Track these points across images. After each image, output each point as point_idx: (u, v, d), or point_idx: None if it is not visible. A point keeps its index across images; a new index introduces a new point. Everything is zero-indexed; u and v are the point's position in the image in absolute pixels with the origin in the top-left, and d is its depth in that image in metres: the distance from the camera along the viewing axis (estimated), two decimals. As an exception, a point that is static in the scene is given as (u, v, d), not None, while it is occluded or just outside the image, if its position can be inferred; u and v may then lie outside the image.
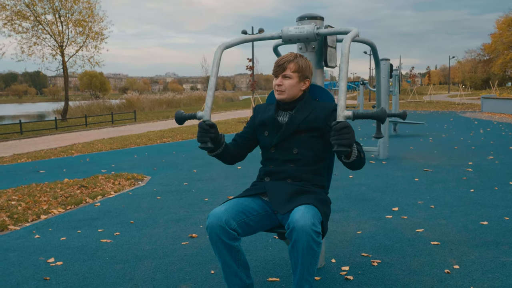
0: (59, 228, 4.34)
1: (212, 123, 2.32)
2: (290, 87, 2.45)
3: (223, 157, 2.54)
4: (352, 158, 2.14)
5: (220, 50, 2.56)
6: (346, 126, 1.95)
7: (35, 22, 25.00)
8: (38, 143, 14.67)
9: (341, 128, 1.94)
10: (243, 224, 2.28)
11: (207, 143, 2.31)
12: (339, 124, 1.95)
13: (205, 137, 2.29)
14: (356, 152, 2.14)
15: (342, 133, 1.94)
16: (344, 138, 1.93)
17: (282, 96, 2.47)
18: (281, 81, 2.45)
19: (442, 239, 3.56)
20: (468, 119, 17.54)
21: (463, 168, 6.68)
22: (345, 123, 1.95)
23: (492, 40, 60.44)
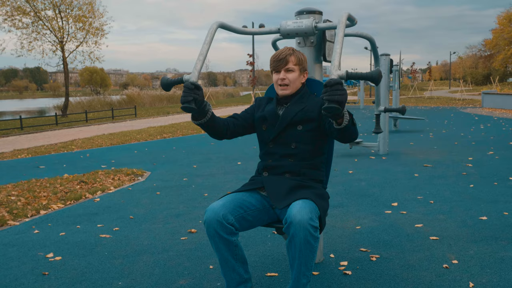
0: (59, 223, 4.34)
1: (198, 84, 2.22)
2: (294, 80, 2.45)
3: (210, 128, 2.42)
4: (344, 123, 2.03)
5: (215, 25, 2.55)
6: (338, 82, 1.84)
7: (35, 18, 24.95)
8: (39, 139, 14.67)
9: (333, 83, 1.83)
10: (240, 218, 2.28)
11: (191, 103, 2.17)
12: (332, 80, 1.84)
13: (189, 96, 2.16)
14: (348, 117, 2.03)
15: (334, 89, 1.83)
16: (336, 94, 1.82)
17: (286, 91, 2.46)
18: (284, 75, 2.43)
19: (441, 234, 3.56)
20: (469, 114, 17.52)
21: (463, 164, 6.67)
22: (338, 80, 1.85)
23: (493, 35, 60.30)
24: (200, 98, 2.21)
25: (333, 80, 1.85)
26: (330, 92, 1.83)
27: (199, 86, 2.21)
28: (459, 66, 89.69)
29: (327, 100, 1.83)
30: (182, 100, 2.17)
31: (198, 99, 2.20)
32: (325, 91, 1.85)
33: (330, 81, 1.85)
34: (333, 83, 1.84)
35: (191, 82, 2.20)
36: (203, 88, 2.39)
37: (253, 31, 2.84)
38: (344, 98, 1.83)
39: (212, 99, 39.08)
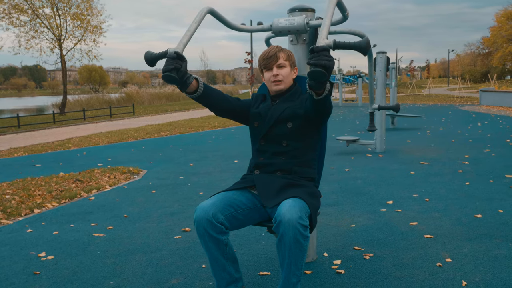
0: (52, 222, 4.32)
1: (181, 54, 2.18)
2: (287, 76, 2.44)
3: (206, 99, 2.40)
4: (325, 93, 2.02)
5: (205, 9, 2.53)
6: (326, 48, 1.78)
7: (32, 16, 24.89)
8: (36, 137, 14.64)
9: (320, 49, 1.77)
10: (231, 217, 2.26)
11: (172, 72, 2.12)
12: (319, 46, 1.78)
13: (170, 64, 2.12)
14: (328, 87, 2.00)
15: (322, 55, 1.77)
16: (323, 59, 1.75)
17: (280, 87, 2.44)
18: (277, 71, 2.42)
19: (436, 232, 3.54)
20: (467, 112, 17.51)
21: (459, 161, 6.66)
22: (325, 46, 1.79)
23: (491, 33, 60.30)
24: (182, 69, 2.17)
25: (320, 46, 1.80)
26: (318, 57, 1.77)
27: (182, 56, 2.18)
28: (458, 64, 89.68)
29: (314, 64, 1.76)
30: (163, 68, 2.14)
31: (181, 69, 2.16)
32: (311, 56, 1.78)
33: (317, 47, 1.79)
34: (320, 48, 1.79)
35: (175, 51, 2.17)
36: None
37: (245, 28, 2.82)
38: (332, 64, 1.78)
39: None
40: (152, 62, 2.29)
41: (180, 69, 2.16)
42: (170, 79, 2.13)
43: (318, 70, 1.77)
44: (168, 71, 2.11)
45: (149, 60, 2.29)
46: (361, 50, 1.89)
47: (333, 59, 1.80)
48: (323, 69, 1.77)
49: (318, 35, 1.95)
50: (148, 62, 2.30)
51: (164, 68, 2.12)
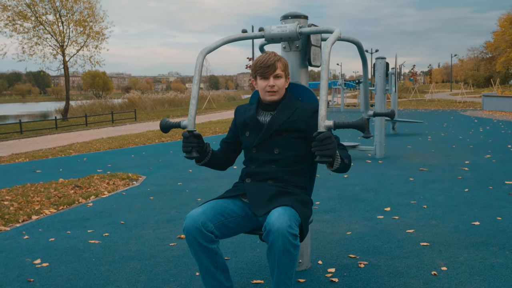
0: (49, 229, 4.31)
1: (196, 133, 2.33)
2: (282, 87, 2.42)
3: (212, 165, 2.57)
4: (335, 166, 2.13)
5: (201, 55, 2.51)
6: (328, 136, 1.96)
7: (36, 22, 25.03)
8: (38, 143, 14.68)
9: (323, 138, 1.95)
10: (221, 226, 2.25)
11: (192, 153, 2.31)
12: (321, 135, 1.96)
13: (189, 146, 2.30)
14: (339, 160, 2.13)
15: (324, 144, 1.95)
16: (326, 149, 1.94)
17: (274, 97, 2.43)
18: (273, 82, 2.40)
19: (432, 240, 3.51)
20: (469, 117, 17.46)
21: (459, 167, 6.62)
22: (327, 134, 1.96)
23: (494, 38, 60.23)
24: (200, 145, 2.35)
25: (322, 135, 1.96)
26: (321, 147, 1.95)
27: (196, 134, 2.33)
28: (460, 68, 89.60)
29: (319, 155, 1.96)
30: (183, 150, 2.32)
31: (198, 146, 2.33)
32: (315, 145, 1.97)
33: (320, 135, 1.96)
34: (323, 138, 1.95)
35: (188, 131, 2.32)
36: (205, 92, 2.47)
37: (237, 37, 2.81)
38: (334, 151, 1.97)
39: (213, 102, 39.11)
40: (166, 130, 2.45)
41: (197, 146, 2.33)
42: (192, 158, 2.33)
43: (324, 160, 1.97)
44: (188, 153, 2.31)
45: (164, 128, 2.44)
46: (359, 128, 2.00)
47: (335, 145, 1.98)
48: (327, 159, 1.96)
49: (319, 117, 2.03)
50: (162, 130, 2.44)
51: (184, 150, 2.32)
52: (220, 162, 2.60)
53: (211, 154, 2.48)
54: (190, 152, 2.30)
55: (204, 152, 2.42)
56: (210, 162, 2.51)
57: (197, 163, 2.48)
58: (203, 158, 2.45)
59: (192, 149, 2.30)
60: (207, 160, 2.48)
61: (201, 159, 2.46)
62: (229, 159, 2.65)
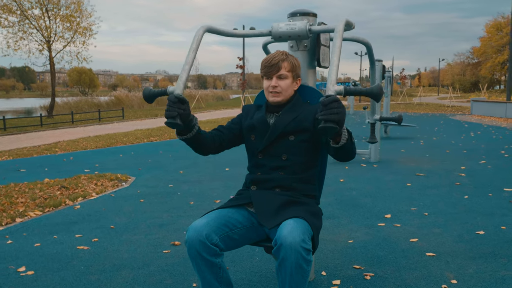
0: (34, 233, 4.10)
1: (183, 97, 2.03)
2: (287, 88, 2.26)
3: (195, 144, 2.23)
4: (342, 142, 1.88)
5: (202, 30, 2.35)
6: (335, 100, 1.70)
7: (21, 17, 24.51)
8: (22, 140, 14.32)
9: (330, 101, 1.69)
10: (226, 238, 2.08)
11: (176, 119, 1.98)
12: (328, 98, 1.70)
13: (173, 111, 1.97)
14: (346, 135, 1.88)
15: (331, 107, 1.68)
16: (333, 113, 1.67)
17: (277, 99, 2.26)
18: (276, 82, 2.24)
19: (438, 250, 3.38)
20: (458, 122, 17.49)
21: (456, 173, 6.53)
22: (335, 97, 1.70)
23: (481, 43, 60.92)
24: (185, 113, 2.01)
25: (329, 97, 1.70)
26: (327, 111, 1.68)
27: (184, 99, 2.01)
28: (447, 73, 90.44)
29: (323, 119, 1.68)
30: (166, 114, 1.99)
31: (184, 113, 2.01)
32: (321, 109, 1.70)
33: (326, 99, 1.70)
34: (330, 100, 1.69)
35: (176, 95, 2.01)
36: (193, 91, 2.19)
37: (243, 33, 2.65)
38: (342, 117, 1.69)
39: (202, 101, 38.82)
40: (151, 99, 2.16)
41: (183, 114, 2.01)
42: (175, 126, 1.99)
43: (329, 126, 1.67)
44: (172, 118, 1.98)
45: (148, 97, 2.16)
46: (374, 97, 1.78)
47: (344, 110, 1.70)
48: (333, 124, 1.67)
49: (327, 81, 1.82)
50: (146, 99, 2.16)
51: (167, 114, 1.98)
52: (204, 144, 2.26)
53: (196, 131, 2.17)
54: (174, 118, 1.97)
55: (189, 124, 2.11)
56: (193, 139, 2.19)
57: (178, 135, 2.16)
58: (186, 131, 2.14)
59: (177, 115, 1.98)
60: (191, 136, 2.16)
61: (184, 131, 2.14)
62: (214, 145, 2.33)
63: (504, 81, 66.12)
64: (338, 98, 1.71)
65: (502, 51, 56.78)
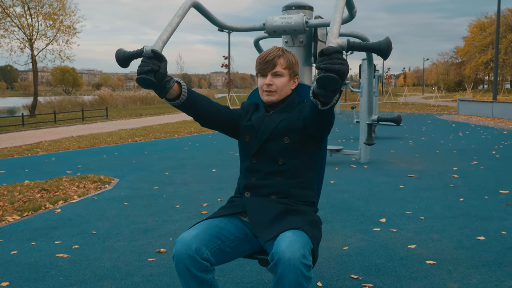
0: (11, 240, 3.87)
1: (160, 53, 1.78)
2: (282, 87, 2.07)
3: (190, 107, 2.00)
4: (333, 102, 1.68)
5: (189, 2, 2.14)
6: (338, 50, 1.47)
7: (2, 14, 23.97)
8: (2, 140, 13.92)
9: (333, 51, 1.46)
10: (217, 251, 1.89)
11: (148, 74, 1.71)
12: (330, 48, 1.47)
13: (146, 65, 1.72)
14: (337, 96, 1.67)
15: (334, 58, 1.45)
16: (336, 63, 1.44)
17: (272, 98, 2.07)
18: (271, 80, 2.05)
19: (438, 257, 3.22)
20: (445, 121, 17.48)
21: (449, 174, 6.40)
22: (337, 48, 1.48)
23: (465, 43, 61.50)
24: (161, 71, 1.77)
25: (331, 47, 1.47)
26: (329, 61, 1.45)
27: (160, 55, 1.78)
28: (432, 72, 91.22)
29: (325, 69, 1.44)
30: (138, 70, 1.73)
31: (159, 71, 1.76)
32: (321, 60, 1.46)
33: (328, 48, 1.47)
34: (332, 50, 1.46)
35: (152, 50, 1.77)
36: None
37: (233, 27, 2.46)
38: (346, 69, 1.45)
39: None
40: (125, 62, 1.87)
41: (159, 71, 1.76)
42: (146, 82, 1.72)
43: (331, 76, 1.44)
44: (144, 73, 1.72)
45: (121, 60, 1.86)
46: (381, 53, 1.55)
47: (347, 63, 1.47)
48: (336, 75, 1.44)
49: (328, 34, 1.61)
50: (119, 62, 1.86)
51: (139, 70, 1.72)
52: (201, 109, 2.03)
53: (187, 95, 1.94)
54: (146, 73, 1.71)
55: (163, 84, 1.84)
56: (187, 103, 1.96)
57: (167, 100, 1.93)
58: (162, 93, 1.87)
59: (151, 70, 1.72)
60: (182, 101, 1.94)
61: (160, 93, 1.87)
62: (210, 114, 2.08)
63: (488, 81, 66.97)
64: (341, 50, 1.49)
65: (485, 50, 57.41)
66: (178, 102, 1.94)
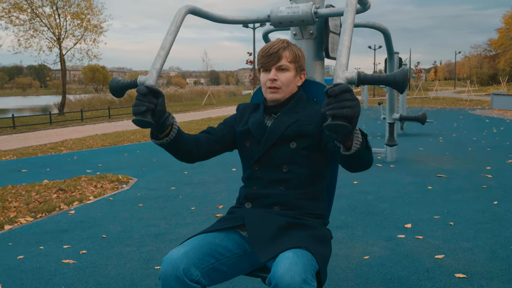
0: (20, 243, 3.77)
1: (156, 88, 1.57)
2: (288, 82, 1.84)
3: (175, 149, 1.79)
4: (355, 148, 1.42)
5: (184, 10, 1.92)
6: (347, 89, 1.25)
7: (32, 15, 24.41)
8: (30, 139, 14.10)
9: (340, 91, 1.24)
10: (210, 271, 1.67)
11: (145, 115, 1.52)
12: (338, 87, 1.25)
13: (141, 105, 1.52)
14: (360, 139, 1.42)
15: (342, 99, 1.23)
16: (344, 107, 1.23)
17: (277, 96, 1.84)
18: (275, 75, 1.82)
19: (469, 270, 2.92)
20: (479, 116, 16.82)
21: (481, 174, 6.02)
22: (346, 86, 1.26)
23: (499, 35, 59.59)
24: (158, 108, 1.55)
25: (339, 87, 1.24)
26: (336, 104, 1.23)
27: (157, 91, 1.56)
28: (464, 66, 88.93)
29: (332, 115, 1.24)
30: (133, 110, 1.53)
31: (156, 109, 1.55)
32: (328, 102, 1.24)
33: (333, 89, 1.24)
34: (339, 91, 1.23)
35: (146, 86, 1.55)
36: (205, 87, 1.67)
37: (235, 20, 2.23)
38: (355, 112, 1.23)
39: (213, 98, 38.50)
40: (119, 93, 1.73)
41: (156, 109, 1.56)
42: (143, 124, 1.54)
43: (339, 124, 1.23)
44: (140, 114, 1.52)
45: (116, 89, 1.73)
46: (398, 87, 1.30)
47: (358, 104, 1.24)
48: (344, 122, 1.23)
49: (336, 64, 1.36)
50: (113, 92, 1.73)
51: (134, 110, 1.53)
52: (186, 150, 1.83)
53: (176, 134, 1.73)
54: (143, 114, 1.52)
55: (162, 122, 1.64)
56: (172, 144, 1.74)
57: (153, 139, 1.73)
58: (159, 131, 1.68)
59: (147, 110, 1.53)
60: (168, 141, 1.72)
61: (157, 131, 1.68)
62: (199, 151, 1.89)
63: (524, 74, 64.72)
64: (350, 88, 1.26)
65: (521, 42, 55.46)
66: (168, 139, 1.72)
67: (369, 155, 1.51)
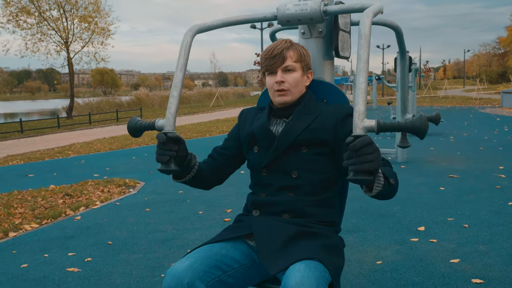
0: (25, 250, 3.71)
1: (177, 135, 1.57)
2: (296, 83, 1.74)
3: (195, 184, 1.83)
4: (377, 190, 1.40)
5: (190, 33, 1.84)
6: (367, 143, 1.24)
7: (39, 18, 24.50)
8: (37, 143, 14.11)
9: (361, 146, 1.24)
10: (217, 284, 1.58)
11: (169, 165, 1.54)
12: (358, 141, 1.25)
13: (164, 154, 1.53)
14: (382, 180, 1.39)
15: (362, 154, 1.24)
16: (367, 161, 1.23)
17: (286, 98, 1.74)
18: (282, 77, 1.73)
19: (486, 275, 2.81)
20: (489, 115, 16.61)
21: (494, 174, 5.88)
22: (366, 139, 1.25)
23: (508, 33, 59.10)
24: (180, 153, 1.58)
25: (359, 140, 1.26)
26: (357, 159, 1.25)
27: (177, 137, 1.56)
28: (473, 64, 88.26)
29: (353, 171, 1.25)
30: (157, 159, 1.55)
31: (179, 155, 1.57)
32: (349, 156, 1.27)
33: (355, 143, 1.25)
34: (360, 145, 1.25)
35: (165, 134, 1.55)
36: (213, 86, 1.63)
37: (241, 19, 2.13)
38: (377, 165, 1.25)
39: (221, 99, 38.46)
40: (137, 133, 1.70)
41: (178, 156, 1.58)
42: (169, 173, 1.58)
43: (361, 179, 1.25)
44: (164, 165, 1.56)
45: (134, 130, 1.69)
46: (418, 133, 1.29)
47: (378, 155, 1.26)
48: (367, 177, 1.25)
49: (354, 114, 1.33)
50: (131, 131, 1.70)
51: (158, 159, 1.56)
52: (206, 182, 1.88)
53: (196, 170, 1.76)
54: (167, 164, 1.55)
55: (186, 165, 1.67)
56: (193, 181, 1.79)
57: (175, 179, 1.75)
58: (184, 174, 1.72)
59: (170, 159, 1.55)
60: (189, 178, 1.75)
61: (181, 175, 1.72)
62: (219, 177, 1.94)
63: (534, 72, 64.07)
64: (371, 140, 1.26)
65: (530, 40, 54.94)
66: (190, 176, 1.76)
67: (393, 189, 1.48)
